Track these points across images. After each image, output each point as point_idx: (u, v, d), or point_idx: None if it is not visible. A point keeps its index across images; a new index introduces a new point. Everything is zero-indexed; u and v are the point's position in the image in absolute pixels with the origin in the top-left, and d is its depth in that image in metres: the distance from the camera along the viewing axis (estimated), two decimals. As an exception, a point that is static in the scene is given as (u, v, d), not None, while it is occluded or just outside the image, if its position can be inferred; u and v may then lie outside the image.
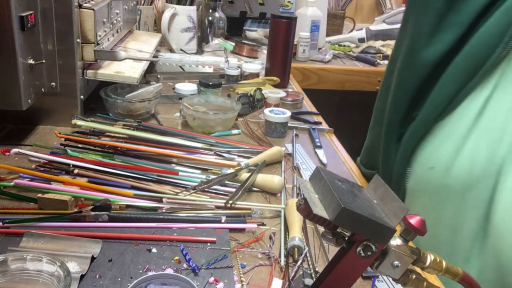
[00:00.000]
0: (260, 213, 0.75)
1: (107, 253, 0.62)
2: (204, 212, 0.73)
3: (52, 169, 0.80)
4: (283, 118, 1.07)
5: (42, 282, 0.51)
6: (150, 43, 1.36)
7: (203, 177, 0.83)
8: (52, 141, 0.93)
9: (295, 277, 0.62)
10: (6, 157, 0.83)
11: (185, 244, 0.65)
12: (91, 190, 0.74)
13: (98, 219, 0.68)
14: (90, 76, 1.02)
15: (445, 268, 0.48)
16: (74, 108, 0.99)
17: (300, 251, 0.65)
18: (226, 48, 1.68)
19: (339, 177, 0.50)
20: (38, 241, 0.62)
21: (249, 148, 0.97)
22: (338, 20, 2.16)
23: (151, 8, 1.71)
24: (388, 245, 0.46)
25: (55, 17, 0.91)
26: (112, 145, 0.89)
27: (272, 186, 0.82)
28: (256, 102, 1.23)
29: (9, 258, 0.52)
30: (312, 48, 1.85)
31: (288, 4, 2.03)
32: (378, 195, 0.49)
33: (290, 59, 1.44)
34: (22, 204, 0.72)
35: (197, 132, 1.03)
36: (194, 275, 0.60)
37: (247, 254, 0.66)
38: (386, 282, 0.63)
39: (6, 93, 0.84)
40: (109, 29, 1.10)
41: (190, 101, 1.09)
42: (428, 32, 0.78)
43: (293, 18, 1.38)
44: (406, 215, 0.46)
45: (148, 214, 0.70)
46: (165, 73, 1.42)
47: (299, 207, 0.46)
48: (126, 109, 1.07)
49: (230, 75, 1.40)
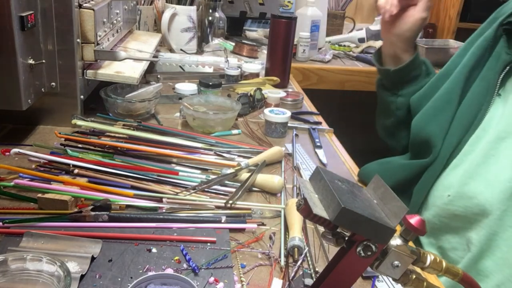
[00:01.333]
0: (260, 213, 0.75)
1: (107, 253, 0.62)
2: (204, 212, 0.73)
3: (52, 169, 0.80)
4: (283, 118, 1.07)
5: (42, 282, 0.51)
6: (150, 43, 1.36)
7: (203, 177, 0.83)
8: (52, 141, 0.93)
9: (295, 277, 0.62)
10: (6, 157, 0.83)
11: (185, 244, 0.65)
12: (91, 190, 0.74)
13: (98, 219, 0.68)
14: (90, 76, 1.02)
15: (445, 268, 0.48)
16: (74, 108, 0.99)
17: (300, 251, 0.65)
18: (226, 48, 1.68)
19: (339, 177, 0.50)
20: (38, 241, 0.62)
21: (249, 148, 0.97)
22: (338, 20, 2.16)
23: (151, 8, 1.70)
24: (388, 245, 0.46)
25: (55, 17, 0.91)
26: (112, 145, 0.89)
27: (272, 186, 0.82)
28: (256, 102, 1.23)
29: (9, 258, 0.52)
30: (312, 48, 1.85)
31: (288, 4, 2.03)
32: (378, 195, 0.49)
33: (290, 59, 1.44)
34: (22, 204, 0.72)
35: (197, 132, 1.03)
36: (194, 275, 0.60)
37: (247, 254, 0.66)
38: (386, 282, 0.63)
39: (6, 93, 0.84)
40: (109, 29, 1.10)
41: (190, 101, 1.09)
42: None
43: (293, 18, 1.38)
44: (406, 215, 0.46)
45: (148, 214, 0.70)
46: (165, 73, 1.42)
47: (299, 207, 0.46)
48: (126, 109, 1.07)
49: (230, 75, 1.40)
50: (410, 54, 0.94)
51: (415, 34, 0.92)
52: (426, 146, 0.86)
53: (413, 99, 0.94)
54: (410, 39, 0.93)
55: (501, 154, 0.77)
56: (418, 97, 0.93)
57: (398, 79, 0.96)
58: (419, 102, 0.92)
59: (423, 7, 0.89)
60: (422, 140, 0.87)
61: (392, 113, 0.99)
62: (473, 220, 0.78)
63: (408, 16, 0.90)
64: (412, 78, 0.95)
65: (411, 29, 0.91)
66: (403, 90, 0.96)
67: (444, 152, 0.84)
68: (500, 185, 0.75)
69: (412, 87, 0.95)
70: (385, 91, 1.00)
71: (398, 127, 0.99)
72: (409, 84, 0.96)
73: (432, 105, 0.87)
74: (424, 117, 0.88)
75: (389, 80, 0.98)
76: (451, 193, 0.81)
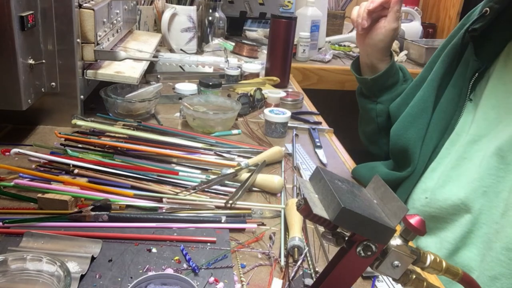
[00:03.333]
0: (260, 213, 0.75)
1: (107, 253, 0.62)
2: (204, 212, 0.73)
3: (52, 169, 0.80)
4: (283, 118, 1.07)
5: (42, 282, 0.51)
6: (150, 43, 1.36)
7: (203, 177, 0.83)
8: (52, 141, 0.93)
9: (295, 277, 0.62)
10: (6, 157, 0.83)
11: (185, 244, 0.65)
12: (91, 190, 0.74)
13: (98, 219, 0.68)
14: (90, 76, 1.02)
15: (445, 268, 0.48)
16: (74, 108, 0.99)
17: (300, 251, 0.65)
18: (226, 48, 1.68)
19: (339, 177, 0.50)
20: (38, 241, 0.62)
21: (249, 148, 0.97)
22: (338, 20, 2.16)
23: (151, 8, 1.70)
24: (388, 245, 0.46)
25: (55, 17, 0.91)
26: (112, 145, 0.89)
27: (272, 186, 0.82)
28: (256, 102, 1.23)
29: (9, 258, 0.52)
30: (312, 48, 1.85)
31: (288, 4, 2.03)
32: (378, 195, 0.49)
33: (290, 59, 1.44)
34: (22, 204, 0.72)
35: (197, 132, 1.03)
36: (194, 275, 0.60)
37: (247, 254, 0.66)
38: (386, 282, 0.63)
39: (6, 93, 0.84)
40: (109, 29, 1.10)
41: (190, 101, 1.09)
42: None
43: (293, 18, 1.38)
44: (406, 215, 0.46)
45: (148, 214, 0.70)
46: (165, 73, 1.42)
47: (299, 207, 0.46)
48: (126, 109, 1.07)
49: (230, 75, 1.40)
50: (386, 62, 0.97)
51: (389, 44, 0.96)
52: (405, 153, 0.89)
53: (392, 106, 0.97)
54: (384, 49, 0.96)
55: (474, 156, 0.80)
56: (396, 105, 0.96)
57: (376, 87, 1.00)
58: (398, 110, 0.95)
59: (393, 18, 0.92)
60: (401, 148, 0.90)
61: (372, 120, 1.02)
62: (449, 220, 0.81)
63: (380, 28, 0.94)
64: (390, 86, 0.99)
65: (384, 40, 0.94)
66: (382, 97, 1.00)
67: (422, 158, 0.87)
68: (472, 185, 0.78)
69: (390, 94, 0.99)
70: (365, 99, 1.04)
71: (379, 133, 1.02)
72: (387, 91, 0.99)
73: (408, 113, 0.91)
74: (401, 125, 0.91)
75: (367, 88, 1.01)
76: (428, 195, 0.84)
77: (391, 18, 0.92)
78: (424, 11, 2.54)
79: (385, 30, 0.93)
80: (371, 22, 0.93)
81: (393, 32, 0.93)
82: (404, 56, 2.00)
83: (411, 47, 2.02)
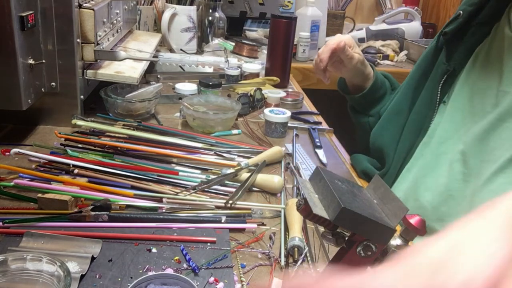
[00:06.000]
0: (260, 213, 0.75)
1: (107, 253, 0.62)
2: (204, 212, 0.73)
3: (52, 169, 0.80)
4: (283, 118, 1.07)
5: (42, 282, 0.51)
6: (150, 43, 1.36)
7: (203, 177, 0.83)
8: (52, 141, 0.93)
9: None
10: (6, 157, 0.83)
11: (185, 244, 0.65)
12: (91, 190, 0.74)
13: (98, 219, 0.68)
14: (90, 76, 1.02)
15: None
16: (74, 108, 0.99)
17: (300, 251, 0.65)
18: (226, 48, 1.68)
19: (339, 177, 0.50)
20: (38, 241, 0.62)
21: (249, 148, 0.97)
22: (338, 20, 2.16)
23: (151, 8, 1.70)
24: (388, 245, 0.46)
25: (55, 17, 0.91)
26: (112, 145, 0.89)
27: (272, 186, 0.82)
28: (256, 102, 1.23)
29: (9, 258, 0.52)
30: (312, 48, 1.85)
31: (288, 4, 2.03)
32: (378, 195, 0.49)
33: (290, 59, 1.44)
34: (22, 204, 0.72)
35: (197, 132, 1.03)
36: (194, 275, 0.60)
37: (247, 254, 0.66)
38: (386, 282, 0.63)
39: (6, 93, 0.84)
40: (109, 29, 1.10)
41: (190, 101, 1.09)
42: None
43: (293, 18, 1.38)
44: (406, 215, 0.46)
45: (148, 214, 0.70)
46: (165, 73, 1.42)
47: (299, 207, 0.46)
48: (126, 109, 1.07)
49: (230, 75, 1.40)
50: (370, 79, 1.01)
51: (360, 69, 0.99)
52: (380, 153, 0.92)
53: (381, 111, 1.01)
54: (359, 72, 1.00)
55: (441, 158, 0.81)
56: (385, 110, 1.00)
57: (365, 103, 1.03)
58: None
59: (347, 61, 0.97)
60: (377, 148, 0.94)
61: (367, 132, 1.04)
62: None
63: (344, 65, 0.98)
64: (378, 98, 1.03)
65: (353, 69, 0.99)
66: (372, 110, 1.03)
67: (397, 159, 0.90)
68: (438, 188, 0.79)
69: (380, 106, 1.02)
70: (356, 114, 1.07)
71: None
72: (376, 104, 1.03)
73: (384, 116, 0.94)
74: (378, 127, 0.95)
75: (357, 104, 1.05)
76: (401, 196, 0.85)
77: (345, 61, 0.97)
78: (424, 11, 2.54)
79: (349, 66, 0.97)
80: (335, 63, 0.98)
81: (356, 62, 0.97)
82: (404, 56, 2.00)
83: (411, 47, 2.02)
